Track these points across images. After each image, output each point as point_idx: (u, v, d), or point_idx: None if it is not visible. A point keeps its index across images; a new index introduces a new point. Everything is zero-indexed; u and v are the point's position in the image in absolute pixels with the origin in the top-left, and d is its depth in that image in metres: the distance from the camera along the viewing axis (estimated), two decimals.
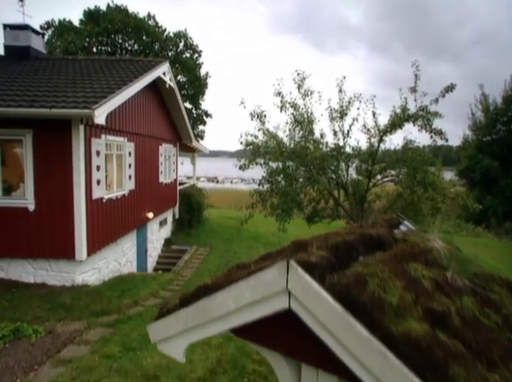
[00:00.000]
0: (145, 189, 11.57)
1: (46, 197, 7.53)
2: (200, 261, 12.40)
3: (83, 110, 6.63)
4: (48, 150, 7.42)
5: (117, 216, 9.34)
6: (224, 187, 55.23)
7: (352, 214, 9.57)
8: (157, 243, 13.88)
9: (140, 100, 10.72)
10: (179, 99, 13.55)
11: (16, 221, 7.57)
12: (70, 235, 7.53)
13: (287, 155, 7.86)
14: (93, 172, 7.89)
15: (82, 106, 6.70)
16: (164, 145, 13.71)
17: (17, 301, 6.88)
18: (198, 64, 31.03)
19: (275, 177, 8.13)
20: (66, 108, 6.69)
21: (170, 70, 11.91)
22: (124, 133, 9.63)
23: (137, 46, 30.18)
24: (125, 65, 10.71)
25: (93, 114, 6.54)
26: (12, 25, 11.20)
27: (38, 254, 7.70)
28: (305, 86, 8.40)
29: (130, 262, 10.99)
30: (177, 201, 16.25)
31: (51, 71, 9.72)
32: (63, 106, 6.73)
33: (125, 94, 8.08)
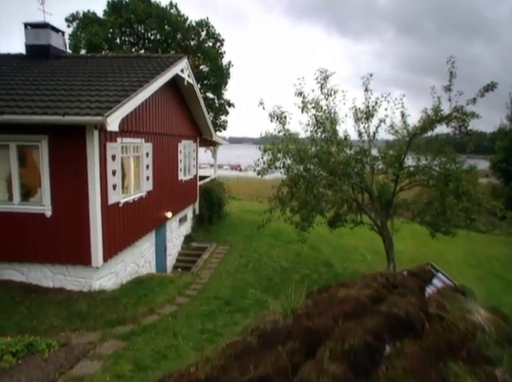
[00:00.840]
0: (163, 189, 11.44)
1: (62, 204, 7.48)
2: (219, 261, 12.25)
3: (96, 117, 6.43)
4: (63, 156, 7.32)
5: (134, 219, 9.25)
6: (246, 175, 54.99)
7: (376, 219, 9.06)
8: (177, 240, 13.84)
9: (158, 99, 10.47)
10: (198, 95, 13.24)
11: (34, 226, 7.58)
12: (86, 242, 7.47)
13: (308, 160, 7.42)
14: (109, 178, 7.75)
15: (94, 113, 6.50)
16: (183, 142, 13.50)
17: (35, 308, 6.91)
18: (221, 53, 30.50)
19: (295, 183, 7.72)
20: (79, 115, 6.52)
21: (189, 65, 11.57)
22: (141, 134, 9.44)
23: (159, 36, 29.96)
24: (143, 62, 10.46)
25: (105, 122, 6.33)
26: (33, 24, 11.14)
27: (55, 260, 7.71)
28: (327, 85, 7.88)
29: (149, 262, 10.97)
30: (197, 197, 16.12)
31: (69, 71, 9.59)
32: (76, 113, 6.56)
33: (140, 97, 7.83)
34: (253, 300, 8.55)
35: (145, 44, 30.81)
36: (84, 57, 11.24)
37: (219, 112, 33.31)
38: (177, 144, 12.87)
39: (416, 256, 14.44)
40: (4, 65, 10.29)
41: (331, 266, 11.95)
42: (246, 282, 10.01)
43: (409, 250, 14.80)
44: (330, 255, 13.26)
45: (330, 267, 11.87)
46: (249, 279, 10.22)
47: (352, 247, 14.43)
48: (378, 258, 12.80)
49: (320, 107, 8.05)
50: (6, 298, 7.20)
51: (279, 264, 11.92)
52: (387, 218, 8.88)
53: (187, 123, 13.95)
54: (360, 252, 14.16)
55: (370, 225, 9.06)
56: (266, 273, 10.86)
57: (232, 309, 7.92)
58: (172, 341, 6.27)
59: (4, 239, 7.69)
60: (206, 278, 10.39)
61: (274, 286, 9.80)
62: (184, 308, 7.85)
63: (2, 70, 9.91)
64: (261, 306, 8.31)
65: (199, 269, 11.28)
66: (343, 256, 13.30)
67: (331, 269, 11.64)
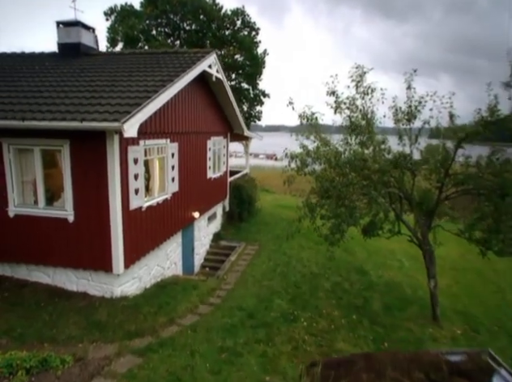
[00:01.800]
0: (191, 189, 11.17)
1: (84, 209, 7.36)
2: (247, 263, 11.88)
3: (112, 123, 6.14)
4: (84, 161, 7.16)
5: (158, 222, 9.04)
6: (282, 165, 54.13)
7: (416, 230, 8.20)
8: (205, 239, 13.64)
9: (185, 96, 10.11)
10: (228, 90, 12.75)
11: (57, 231, 7.54)
12: (107, 249, 7.32)
13: (340, 167, 6.73)
14: (130, 182, 7.52)
15: (112, 118, 6.21)
16: (212, 138, 13.14)
17: (56, 315, 6.89)
18: (256, 42, 29.72)
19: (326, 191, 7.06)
20: (96, 121, 6.26)
21: (217, 60, 11.07)
22: (166, 134, 9.14)
23: (194, 26, 29.66)
24: (169, 58, 10.10)
25: (122, 128, 6.02)
26: (64, 22, 11.13)
27: (78, 265, 7.67)
28: (364, 82, 7.08)
29: (175, 264, 10.82)
30: (227, 193, 15.81)
31: (96, 70, 9.43)
32: (93, 118, 6.30)
33: (162, 98, 7.47)
34: (278, 313, 8.08)
35: (180, 34, 30.68)
36: (112, 54, 11.09)
37: (254, 103, 32.72)
38: (206, 141, 12.53)
39: (460, 264, 13.27)
40: (37, 65, 10.36)
41: (365, 273, 11.19)
42: (273, 289, 9.55)
43: (452, 256, 13.63)
44: (364, 260, 12.46)
45: (363, 274, 11.11)
46: (276, 286, 9.75)
47: (388, 251, 13.49)
48: (417, 265, 11.84)
49: (355, 107, 7.28)
50: (31, 302, 7.25)
51: (309, 269, 11.34)
52: (429, 229, 7.99)
53: (217, 119, 13.55)
54: (397, 257, 13.20)
55: (409, 236, 8.22)
56: (294, 280, 10.34)
57: (255, 323, 7.51)
58: (188, 361, 5.97)
59: (31, 241, 7.75)
60: (232, 283, 10.05)
61: (301, 296, 9.26)
62: (205, 319, 7.54)
63: (35, 69, 9.97)
64: (286, 320, 7.84)
65: (225, 273, 10.97)
66: (378, 262, 12.44)
67: (365, 277, 10.88)
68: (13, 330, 6.41)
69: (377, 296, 9.47)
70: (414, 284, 10.55)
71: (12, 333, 6.35)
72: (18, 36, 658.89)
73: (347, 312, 8.48)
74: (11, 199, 7.66)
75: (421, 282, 10.58)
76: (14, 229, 7.76)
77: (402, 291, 9.95)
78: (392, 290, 9.98)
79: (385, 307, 8.80)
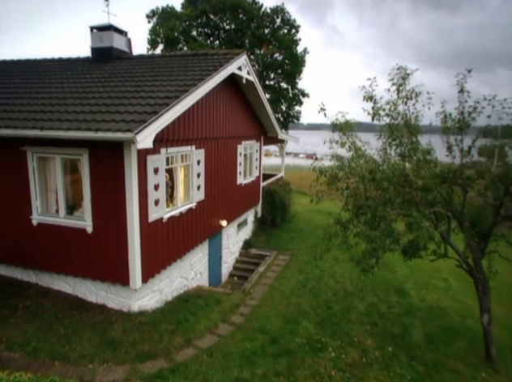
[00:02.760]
0: (218, 196, 10.73)
1: (102, 221, 7.12)
2: (275, 276, 11.24)
3: (125, 134, 5.77)
4: (102, 171, 6.90)
5: (182, 233, 8.66)
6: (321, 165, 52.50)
7: (466, 254, 7.13)
8: (234, 247, 13.18)
9: (212, 100, 9.65)
10: (261, 92, 12.14)
11: (77, 241, 7.38)
12: (124, 263, 7.03)
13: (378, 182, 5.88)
14: (150, 193, 7.17)
15: (126, 128, 5.84)
16: (243, 143, 12.62)
17: (72, 330, 6.70)
18: (296, 40, 28.87)
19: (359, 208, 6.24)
20: (110, 131, 5.93)
21: (248, 62, 10.50)
22: (191, 141, 8.73)
23: (233, 25, 29.38)
24: (198, 61, 9.69)
25: (135, 139, 5.63)
26: (98, 26, 11.11)
27: (96, 277, 7.46)
28: (407, 85, 6.16)
29: (201, 274, 10.44)
30: (259, 199, 15.25)
31: (123, 74, 9.25)
32: (108, 128, 5.98)
33: (183, 104, 7.03)
34: (304, 339, 7.38)
35: (220, 34, 30.56)
36: (143, 58, 10.90)
37: (293, 103, 31.89)
38: (236, 146, 12.03)
39: None
40: (69, 71, 10.41)
41: (405, 295, 10.12)
42: (301, 308, 8.84)
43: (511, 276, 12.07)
44: (404, 278, 11.35)
45: (403, 296, 10.05)
46: (305, 305, 9.03)
47: (432, 268, 12.21)
48: (466, 287, 10.55)
49: (396, 113, 6.38)
50: (50, 313, 7.14)
51: (343, 286, 10.47)
52: (483, 254, 6.89)
53: (249, 122, 13.00)
54: (442, 275, 11.92)
55: (458, 261, 7.16)
56: (325, 298, 9.55)
57: (277, 350, 6.87)
58: None
59: (53, 250, 7.67)
60: (258, 298, 9.47)
61: (332, 318, 8.47)
62: (224, 342, 7.03)
63: (67, 75, 10.00)
64: (312, 348, 7.12)
65: (252, 286, 10.41)
66: (420, 281, 11.27)
67: (405, 299, 9.83)
68: (28, 344, 6.29)
69: (418, 324, 8.44)
70: (463, 311, 9.33)
71: (27, 346, 6.22)
72: (53, 40, 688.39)
73: (383, 342, 7.58)
74: (35, 207, 7.62)
75: (472, 309, 9.35)
76: (38, 237, 7.72)
77: (448, 319, 8.80)
78: (436, 317, 8.87)
79: (427, 339, 7.78)
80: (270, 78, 31.45)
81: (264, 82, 31.26)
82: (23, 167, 7.47)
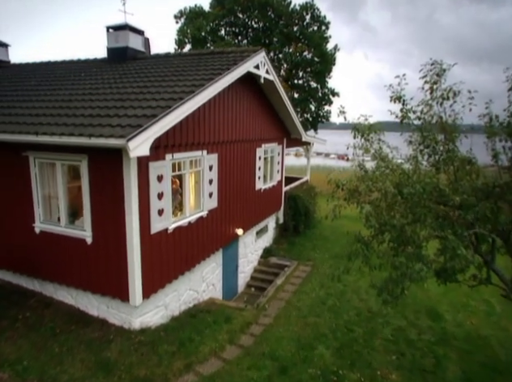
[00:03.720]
0: (234, 204, 10.09)
1: (102, 232, 6.67)
2: (294, 290, 10.45)
3: (118, 141, 5.22)
4: (102, 178, 6.44)
5: (191, 244, 8.10)
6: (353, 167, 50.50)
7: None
8: (252, 255, 12.50)
9: (227, 100, 9.03)
10: (282, 92, 11.38)
11: (77, 252, 6.99)
12: (123, 278, 6.54)
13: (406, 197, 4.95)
14: (152, 202, 6.64)
15: (119, 135, 5.30)
16: (263, 146, 11.91)
17: (67, 348, 6.29)
18: (325, 37, 27.73)
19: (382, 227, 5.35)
20: (103, 137, 5.42)
21: (267, 60, 9.77)
22: (202, 145, 8.14)
23: (261, 24, 28.70)
24: (212, 59, 9.09)
25: (127, 147, 5.07)
26: (114, 26, 10.81)
27: (96, 290, 7.03)
28: (443, 83, 5.21)
29: (213, 285, 9.85)
30: (281, 204, 14.48)
31: (133, 75, 8.82)
32: (101, 134, 5.47)
33: (186, 107, 6.41)
34: (318, 369, 6.57)
35: (247, 33, 29.99)
36: (158, 57, 10.46)
37: (322, 103, 30.76)
38: (255, 149, 11.34)
39: None
40: (83, 72, 10.16)
41: (439, 318, 8.99)
42: (318, 330, 8.02)
43: None
44: (438, 297, 10.16)
45: (436, 319, 8.93)
46: (323, 327, 8.20)
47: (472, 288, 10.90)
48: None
49: (430, 116, 5.42)
50: (48, 328, 6.78)
51: (367, 304, 9.51)
52: None
53: (270, 124, 12.27)
54: (483, 296, 10.58)
55: (503, 290, 6.07)
56: (346, 319, 8.65)
57: None
58: None
59: (54, 260, 7.33)
60: (272, 316, 8.73)
61: (352, 344, 7.59)
62: (228, 370, 6.36)
63: (80, 77, 9.73)
64: None
65: (267, 300, 9.69)
66: (457, 302, 10.04)
67: (438, 324, 8.71)
68: (19, 362, 5.93)
69: (453, 356, 7.36)
70: (509, 342, 8.10)
71: (17, 365, 5.86)
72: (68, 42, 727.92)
73: (410, 378, 6.61)
74: (37, 215, 7.31)
75: None
76: (40, 245, 7.42)
77: (490, 352, 7.63)
78: (476, 348, 7.73)
79: (464, 378, 6.71)
80: (299, 77, 30.50)
81: (293, 82, 30.39)
82: (26, 172, 7.17)
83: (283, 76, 29.71)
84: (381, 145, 6.23)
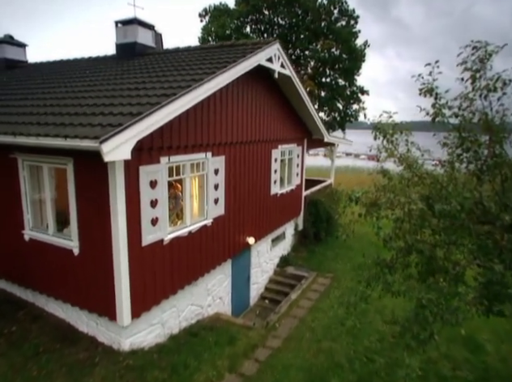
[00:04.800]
0: (244, 210, 9.25)
1: (89, 242, 6.03)
2: (310, 306, 9.47)
3: (91, 143, 4.51)
4: (88, 184, 5.81)
5: (192, 255, 7.35)
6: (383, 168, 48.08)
7: None
8: (267, 264, 11.61)
9: (236, 98, 8.22)
10: (300, 89, 10.42)
11: (64, 263, 6.40)
12: (110, 295, 5.86)
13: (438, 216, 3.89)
14: (143, 211, 5.93)
15: (93, 135, 4.59)
16: (280, 147, 11.00)
17: (46, 371, 5.69)
18: (354, 32, 26.32)
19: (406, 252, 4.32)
20: (78, 138, 4.73)
21: (282, 52, 8.85)
22: (206, 146, 7.36)
23: (287, 20, 27.70)
24: (220, 53, 8.30)
25: (100, 149, 4.34)
26: (122, 21, 10.28)
27: (84, 306, 6.42)
28: (488, 71, 4.12)
29: (221, 299, 9.06)
30: (300, 210, 13.49)
31: (135, 71, 8.20)
32: (75, 135, 4.79)
33: (177, 105, 5.62)
34: None
35: (273, 30, 29.07)
36: (167, 53, 9.81)
37: (350, 101, 29.33)
38: (271, 151, 10.45)
39: None
40: (88, 69, 9.69)
41: (478, 349, 7.72)
42: (333, 359, 7.04)
43: None
44: (477, 323, 8.79)
45: (475, 350, 7.67)
46: (339, 354, 7.20)
47: None
48: None
49: (471, 113, 4.34)
50: (32, 345, 6.22)
51: (392, 328, 8.34)
52: None
53: (288, 123, 11.34)
54: None
55: None
56: (366, 345, 7.60)
57: None
58: None
59: (43, 270, 6.80)
60: (282, 337, 7.82)
61: (372, 378, 6.56)
62: None
63: (85, 74, 9.26)
64: None
65: (279, 318, 8.78)
66: (501, 329, 8.66)
67: (477, 356, 7.46)
68: None
69: None
70: None
71: None
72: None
73: None
74: (26, 221, 6.80)
75: None
76: (30, 254, 6.92)
77: None
78: None
79: None
80: (327, 74, 29.23)
81: (320, 80, 29.18)
82: (15, 175, 6.68)
83: (310, 74, 28.60)
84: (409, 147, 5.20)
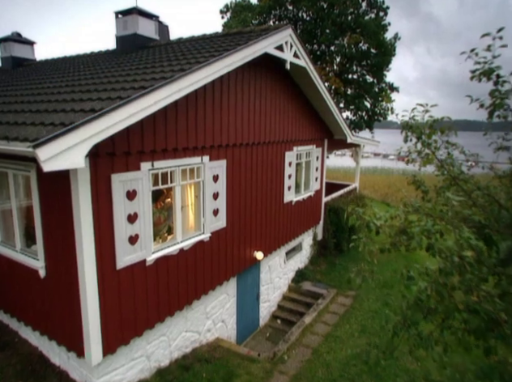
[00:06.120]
0: (251, 221, 8.12)
1: (55, 264, 5.10)
2: (326, 333, 8.20)
3: (24, 147, 3.51)
4: (51, 194, 4.88)
5: (184, 277, 6.30)
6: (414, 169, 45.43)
7: None
8: (281, 280, 10.41)
9: (240, 92, 7.10)
10: (318, 83, 9.16)
11: (31, 285, 5.52)
12: (77, 328, 4.90)
13: None
14: (118, 227, 4.92)
15: (32, 138, 3.59)
16: (295, 149, 9.78)
17: None
18: (384, 25, 24.56)
19: None
20: (18, 141, 3.74)
21: (295, 39, 7.66)
22: (201, 149, 6.30)
23: (311, 14, 26.32)
24: (224, 41, 7.22)
25: (36, 156, 3.32)
26: (122, 11, 9.42)
27: (52, 336, 5.50)
28: None
29: (223, 322, 7.97)
30: (320, 218, 12.19)
31: (125, 65, 7.24)
32: (15, 137, 3.81)
33: (149, 100, 4.52)
34: None
35: (297, 26, 27.75)
36: (168, 44, 8.84)
37: (379, 99, 27.52)
38: (283, 153, 9.26)
39: None
40: (82, 64, 8.89)
41: None
42: None
43: None
44: None
45: None
46: None
47: None
48: None
49: None
50: None
51: (424, 366, 6.97)
52: None
53: (306, 122, 10.11)
54: None
55: None
56: None
57: None
58: None
59: (12, 291, 5.95)
60: (290, 374, 6.62)
61: None
62: None
63: (79, 69, 8.44)
64: None
65: (288, 348, 7.57)
66: None
67: None
68: None
69: None
70: None
71: None
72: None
73: None
74: None
75: None
76: (0, 271, 6.09)
77: None
78: None
79: None
80: (353, 71, 27.58)
81: (346, 77, 27.57)
82: None
83: (336, 71, 27.07)
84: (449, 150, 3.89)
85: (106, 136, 3.93)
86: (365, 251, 3.62)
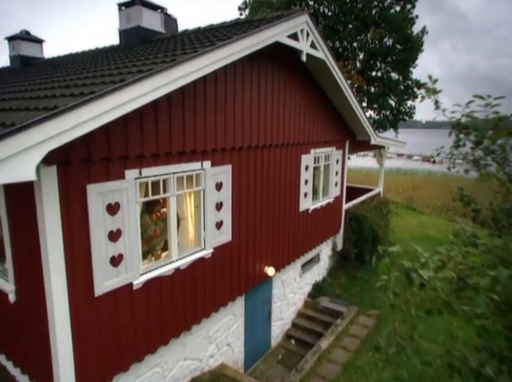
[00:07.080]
0: (261, 233, 7.23)
1: (25, 288, 4.38)
2: (344, 361, 7.22)
3: None
4: (18, 209, 4.15)
5: (181, 299, 5.49)
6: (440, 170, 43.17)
7: None
8: (295, 295, 9.47)
9: (248, 88, 6.24)
10: (339, 77, 8.18)
11: (2, 309, 4.82)
12: (47, 364, 4.15)
13: None
14: (96, 246, 4.15)
15: None
16: (313, 151, 8.82)
17: None
18: (411, 18, 23.10)
19: None
20: None
21: (313, 28, 6.71)
22: (202, 154, 5.47)
23: (334, 9, 25.16)
24: (231, 30, 6.36)
25: None
26: (125, 2, 8.73)
27: (25, 369, 4.79)
28: None
29: (229, 345, 7.12)
30: (340, 226, 11.17)
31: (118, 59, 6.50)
32: None
33: (123, 97, 3.69)
34: None
35: (318, 22, 26.64)
36: (173, 37, 8.07)
37: (404, 97, 26.04)
38: (299, 157, 8.32)
39: None
40: (81, 60, 8.26)
41: None
42: None
43: None
44: None
45: None
46: None
47: None
48: None
49: None
50: None
51: None
52: None
53: (325, 122, 9.13)
54: None
55: None
56: None
57: None
58: None
59: None
60: None
61: None
62: None
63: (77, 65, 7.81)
64: None
65: (301, 379, 6.64)
66: None
67: None
68: None
69: None
70: None
71: None
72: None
73: None
74: None
75: None
76: None
77: None
78: None
79: None
80: (378, 68, 26.21)
81: (369, 74, 26.25)
82: None
83: (358, 68, 25.78)
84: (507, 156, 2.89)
85: (65, 141, 3.13)
86: (390, 293, 2.66)
